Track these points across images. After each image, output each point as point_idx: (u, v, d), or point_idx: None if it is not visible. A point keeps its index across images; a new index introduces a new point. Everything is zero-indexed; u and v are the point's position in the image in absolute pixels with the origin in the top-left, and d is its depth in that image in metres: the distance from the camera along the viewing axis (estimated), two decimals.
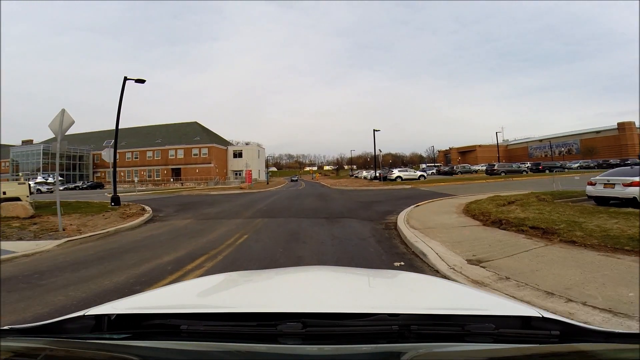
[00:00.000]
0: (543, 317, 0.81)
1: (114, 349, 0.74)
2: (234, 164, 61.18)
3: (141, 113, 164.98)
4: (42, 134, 73.13)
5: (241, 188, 30.49)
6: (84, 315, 0.87)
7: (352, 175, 58.12)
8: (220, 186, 41.58)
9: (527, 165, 36.81)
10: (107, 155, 14.63)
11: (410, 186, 22.72)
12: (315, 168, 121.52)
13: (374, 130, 30.75)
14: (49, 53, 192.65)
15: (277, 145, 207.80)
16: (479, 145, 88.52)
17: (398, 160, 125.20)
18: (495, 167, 33.63)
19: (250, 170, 33.69)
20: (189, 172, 57.30)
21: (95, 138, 71.95)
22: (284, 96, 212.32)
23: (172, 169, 59.08)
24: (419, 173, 30.89)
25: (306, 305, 0.91)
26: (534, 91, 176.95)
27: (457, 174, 41.99)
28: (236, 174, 60.78)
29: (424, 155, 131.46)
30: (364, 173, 49.19)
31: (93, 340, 0.81)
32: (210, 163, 56.21)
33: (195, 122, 68.35)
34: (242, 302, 1.09)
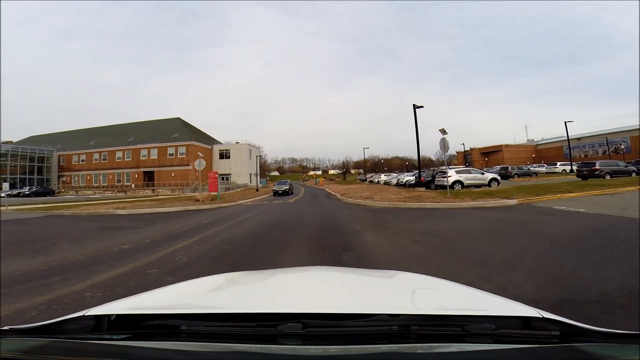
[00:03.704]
0: (543, 317, 0.80)
1: (114, 350, 0.73)
2: (220, 166, 49.28)
3: (144, 117, 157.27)
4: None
5: (197, 200, 18.47)
6: (83, 316, 0.85)
7: (366, 180, 45.48)
8: (180, 194, 29.62)
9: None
10: None
11: (515, 201, 10.58)
12: (319, 172, 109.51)
13: (414, 106, 18.58)
14: (59, 59, 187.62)
15: (280, 150, 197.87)
16: (506, 145, 75.66)
17: (405, 164, 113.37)
18: (597, 166, 21.12)
19: (216, 173, 21.72)
20: (163, 176, 45.60)
21: (66, 138, 60.86)
22: (288, 101, 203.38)
23: (144, 172, 47.43)
24: (489, 176, 18.41)
25: (306, 305, 0.89)
26: (538, 94, 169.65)
27: (512, 177, 29.83)
28: (223, 178, 48.85)
29: (433, 158, 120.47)
30: (383, 177, 36.75)
31: (93, 341, 0.79)
32: (188, 165, 44.37)
33: (178, 118, 56.82)
34: (242, 302, 1.07)
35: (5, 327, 0.79)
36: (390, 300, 1.08)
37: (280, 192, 25.87)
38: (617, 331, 0.74)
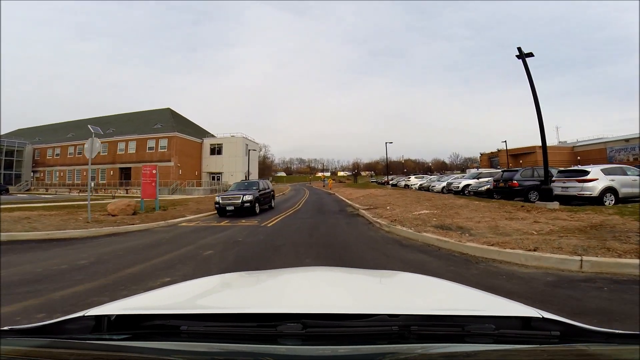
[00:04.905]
0: (543, 317, 0.78)
1: (114, 350, 0.72)
2: (211, 163, 41.00)
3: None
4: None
5: (109, 213, 10.01)
6: (83, 316, 0.83)
7: (386, 184, 36.34)
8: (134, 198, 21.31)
9: None
10: None
11: None
12: (328, 174, 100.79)
13: (521, 53, 9.89)
14: (74, 58, 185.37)
15: (289, 150, 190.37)
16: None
17: (420, 167, 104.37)
18: None
19: (154, 168, 13.22)
20: (141, 174, 37.57)
21: (50, 130, 53.71)
22: (297, 102, 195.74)
23: (121, 168, 39.51)
24: None
25: (306, 305, 0.87)
26: (553, 97, 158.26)
27: None
28: (213, 178, 40.63)
29: (447, 161, 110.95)
30: (414, 180, 27.61)
31: (93, 341, 0.77)
32: (169, 160, 36.26)
33: (168, 109, 48.86)
34: (242, 302, 1.05)
35: (5, 327, 0.78)
36: (390, 300, 1.06)
37: (230, 208, 10.85)
38: (617, 331, 0.72)
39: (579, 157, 55.73)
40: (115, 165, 39.68)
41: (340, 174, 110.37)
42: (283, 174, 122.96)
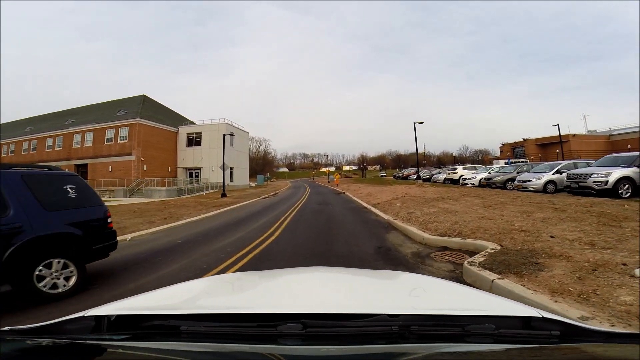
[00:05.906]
0: (543, 317, 0.77)
1: (114, 350, 0.72)
2: (188, 157, 33.09)
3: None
4: None
5: None
6: (83, 316, 0.83)
7: (404, 177, 27.80)
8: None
9: None
10: None
11: None
12: (332, 168, 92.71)
13: None
14: (78, 58, 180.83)
15: (292, 147, 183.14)
16: (573, 135, 55.76)
17: (428, 160, 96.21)
18: None
19: None
20: (98, 171, 29.84)
21: (11, 127, 46.23)
22: (301, 99, 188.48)
23: (77, 165, 31.66)
24: None
25: (306, 305, 0.87)
26: (558, 91, 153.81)
27: None
28: (191, 174, 32.82)
29: (456, 154, 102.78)
30: (461, 170, 19.09)
31: (93, 341, 0.76)
32: (130, 154, 28.42)
33: (142, 96, 40.86)
34: (242, 302, 1.03)
35: (5, 328, 0.77)
36: (390, 300, 1.04)
37: None
38: (617, 331, 0.72)
39: (629, 146, 46.30)
40: (71, 161, 31.90)
41: (346, 168, 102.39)
42: (285, 169, 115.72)
